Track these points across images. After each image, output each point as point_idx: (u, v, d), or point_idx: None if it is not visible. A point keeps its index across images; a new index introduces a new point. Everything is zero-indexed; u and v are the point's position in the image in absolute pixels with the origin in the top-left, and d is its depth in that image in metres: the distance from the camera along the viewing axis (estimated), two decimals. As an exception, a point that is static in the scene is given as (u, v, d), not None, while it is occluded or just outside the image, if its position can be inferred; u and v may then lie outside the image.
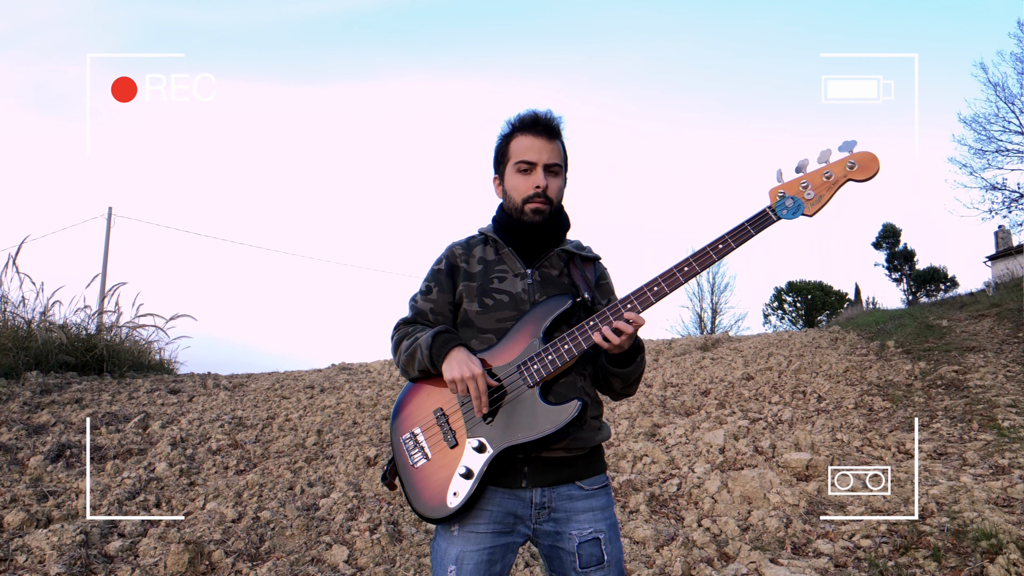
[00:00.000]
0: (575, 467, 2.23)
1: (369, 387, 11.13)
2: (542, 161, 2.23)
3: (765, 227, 2.09)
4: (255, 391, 10.95)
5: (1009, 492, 5.39)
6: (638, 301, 2.11)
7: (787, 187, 2.10)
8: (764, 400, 9.63)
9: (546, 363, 2.12)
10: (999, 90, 21.74)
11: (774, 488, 5.60)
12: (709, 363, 12.68)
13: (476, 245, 2.39)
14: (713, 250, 2.08)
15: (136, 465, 6.50)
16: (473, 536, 2.13)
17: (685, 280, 2.09)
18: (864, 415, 8.55)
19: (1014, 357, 11.17)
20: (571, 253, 2.38)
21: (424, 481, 2.14)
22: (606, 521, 2.23)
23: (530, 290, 2.28)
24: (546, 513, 2.18)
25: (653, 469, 6.45)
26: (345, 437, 7.71)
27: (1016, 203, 22.29)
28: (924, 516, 5.05)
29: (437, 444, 2.16)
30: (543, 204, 2.24)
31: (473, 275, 2.32)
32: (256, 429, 8.08)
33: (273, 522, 4.90)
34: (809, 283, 46.80)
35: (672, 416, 8.61)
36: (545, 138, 2.24)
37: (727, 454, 6.66)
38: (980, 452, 6.67)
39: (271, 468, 6.54)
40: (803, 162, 2.11)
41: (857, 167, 2.06)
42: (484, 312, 2.26)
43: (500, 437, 2.10)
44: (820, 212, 2.09)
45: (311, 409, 9.30)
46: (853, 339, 15.11)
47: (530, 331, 2.18)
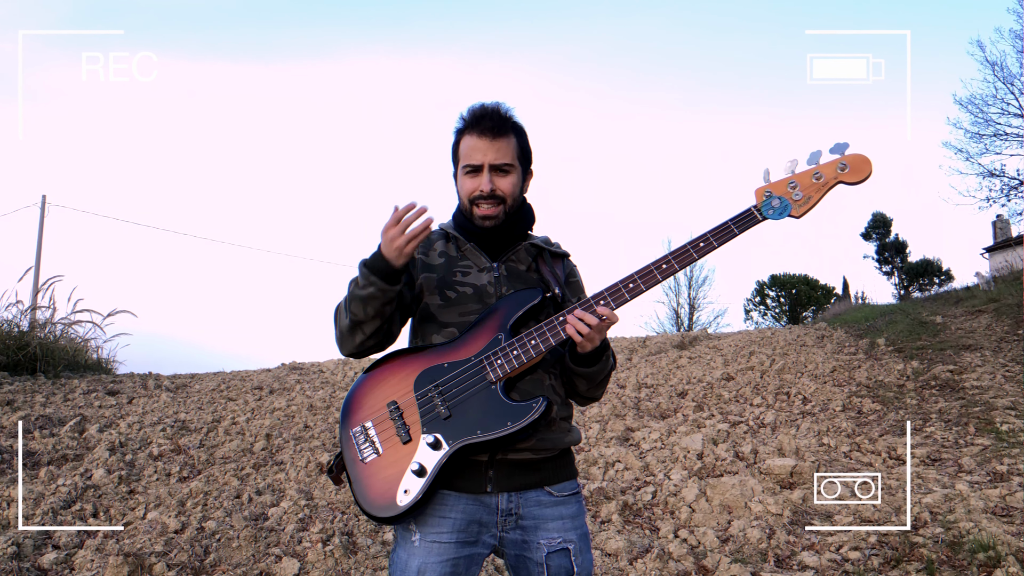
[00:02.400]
0: (544, 471, 2.25)
1: (322, 388, 11.15)
2: (487, 162, 2.27)
3: (749, 227, 2.17)
4: (199, 392, 10.99)
5: (1008, 500, 5.52)
6: (612, 298, 2.15)
7: (774, 187, 2.18)
8: (745, 402, 9.77)
9: (511, 358, 2.15)
10: (997, 69, 22.04)
11: (756, 496, 5.68)
12: (686, 362, 12.81)
13: (436, 240, 2.43)
14: (694, 248, 2.15)
15: (72, 472, 6.47)
16: (436, 547, 2.14)
17: (663, 278, 2.15)
18: (852, 418, 8.72)
19: (1013, 356, 11.44)
20: (540, 248, 2.43)
21: (373, 477, 2.14)
22: (576, 531, 2.26)
23: (496, 284, 2.31)
24: (513, 520, 2.20)
25: (626, 476, 6.50)
26: (296, 442, 7.74)
27: (1015, 191, 22.64)
28: (917, 526, 5.16)
29: (389, 439, 2.16)
30: (492, 207, 2.29)
31: (433, 267, 2.35)
32: (200, 433, 8.09)
33: (219, 533, 4.90)
34: (793, 276, 47.35)
35: (647, 419, 8.69)
36: (490, 138, 2.27)
37: (705, 460, 6.75)
38: (977, 458, 6.83)
39: (216, 475, 6.54)
40: (792, 162, 2.19)
41: (849, 169, 2.16)
42: (446, 305, 2.29)
43: (457, 433, 2.11)
44: (808, 214, 2.17)
45: (259, 412, 9.34)
46: (841, 336, 15.38)
47: (495, 325, 2.21)
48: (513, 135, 2.32)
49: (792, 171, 2.18)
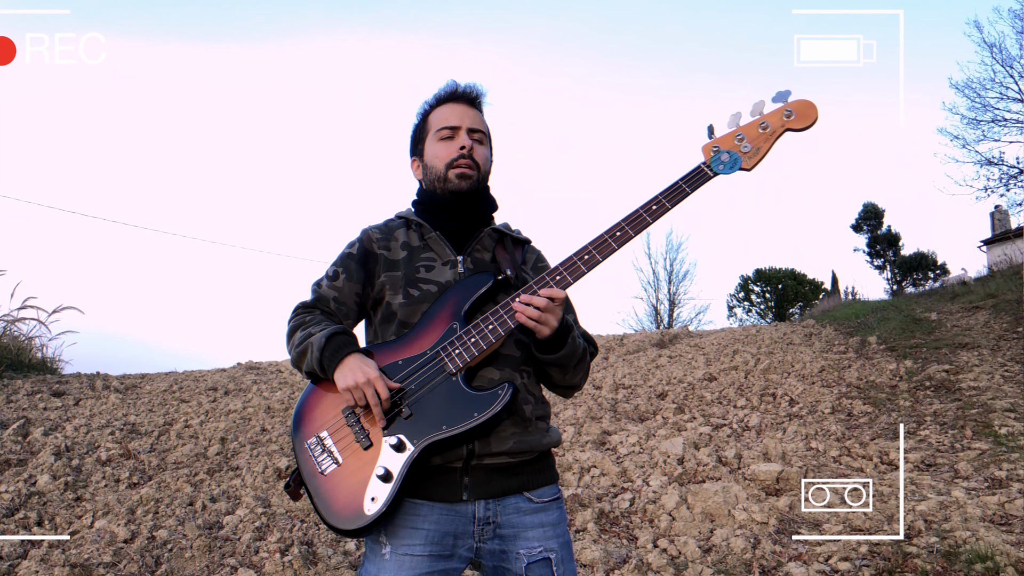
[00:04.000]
0: (523, 475, 2.25)
1: (280, 388, 11.21)
2: (465, 125, 2.35)
3: (701, 184, 2.23)
4: (150, 393, 11.06)
5: (1007, 508, 5.59)
6: (567, 271, 2.17)
7: (721, 141, 2.26)
8: (729, 404, 9.83)
9: (468, 346, 2.15)
10: (995, 51, 22.26)
11: (740, 504, 5.71)
12: (666, 362, 12.86)
13: (396, 229, 2.43)
14: (647, 212, 2.19)
15: (15, 478, 6.50)
16: (408, 560, 2.12)
17: (618, 246, 2.18)
18: (842, 421, 8.80)
19: (1013, 355, 11.58)
20: (501, 233, 2.46)
21: (336, 489, 2.12)
22: (558, 539, 2.26)
23: (461, 279, 2.32)
24: (491, 529, 2.19)
25: (602, 482, 6.51)
26: (252, 446, 7.78)
27: (1015, 180, 22.87)
28: (910, 535, 5.20)
29: (348, 447, 2.15)
30: (469, 168, 2.33)
31: (396, 263, 2.35)
32: (151, 437, 8.13)
33: (171, 542, 4.92)
34: (779, 271, 47.74)
35: (624, 422, 8.71)
36: (466, 104, 2.39)
37: (686, 465, 6.77)
38: (974, 463, 6.92)
39: (168, 481, 6.57)
40: (736, 115, 2.27)
41: (794, 116, 2.25)
42: (409, 304, 2.29)
43: (421, 431, 2.10)
44: (758, 165, 2.25)
45: (214, 414, 9.41)
46: (830, 334, 15.54)
47: (448, 314, 2.22)
48: (482, 109, 2.44)
49: (737, 123, 2.26)
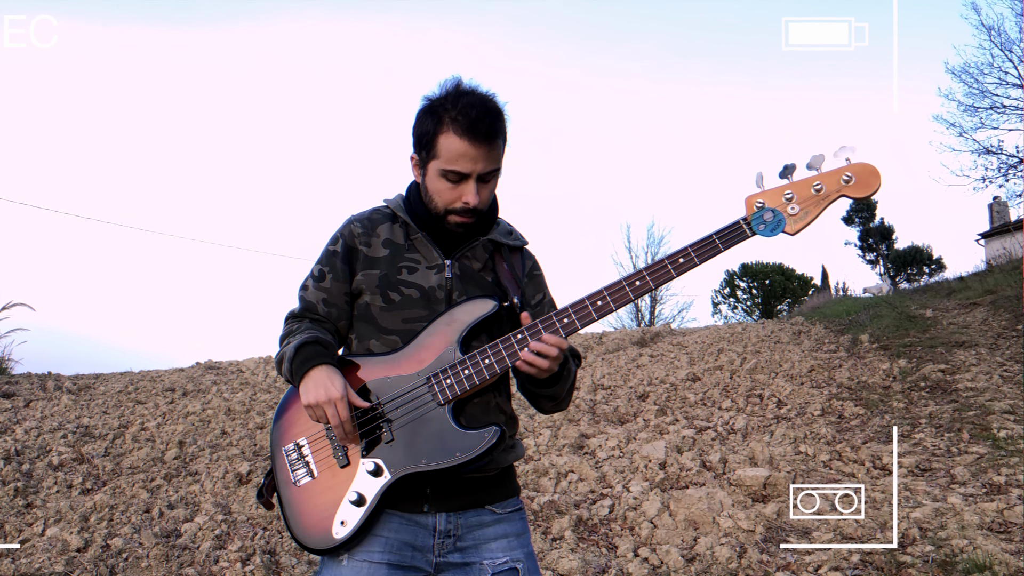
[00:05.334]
0: (485, 490, 2.26)
1: (241, 390, 11.21)
2: (476, 172, 2.18)
3: (737, 243, 2.10)
4: (104, 395, 11.04)
5: (1006, 515, 5.64)
6: (577, 316, 2.13)
7: (768, 196, 2.09)
8: (713, 405, 9.88)
9: (462, 379, 2.14)
10: (994, 35, 22.31)
11: (725, 511, 5.74)
12: (647, 361, 12.91)
13: (381, 223, 2.37)
14: (673, 264, 2.11)
15: None
16: (365, 567, 2.13)
17: (635, 296, 2.12)
18: (833, 423, 8.86)
19: (1012, 354, 11.68)
20: (498, 244, 2.38)
21: (307, 504, 2.14)
22: (523, 549, 2.27)
23: (447, 286, 2.28)
24: (451, 542, 2.20)
25: (580, 488, 6.52)
26: (212, 449, 7.80)
27: (1014, 169, 22.95)
28: (904, 544, 5.25)
29: (325, 460, 2.16)
30: (469, 219, 2.25)
31: (375, 261, 2.30)
32: (106, 440, 8.13)
33: (126, 551, 4.92)
34: (767, 265, 47.96)
35: (603, 424, 8.74)
36: (484, 147, 2.16)
37: (669, 470, 6.80)
38: (971, 467, 6.99)
39: (123, 487, 6.58)
40: (789, 167, 2.09)
41: (854, 182, 2.05)
42: (388, 309, 2.26)
43: (401, 461, 2.11)
44: (803, 231, 2.08)
45: (171, 416, 9.42)
46: (819, 332, 15.65)
47: (444, 338, 2.18)
48: (503, 135, 2.23)
49: (789, 178, 2.08)
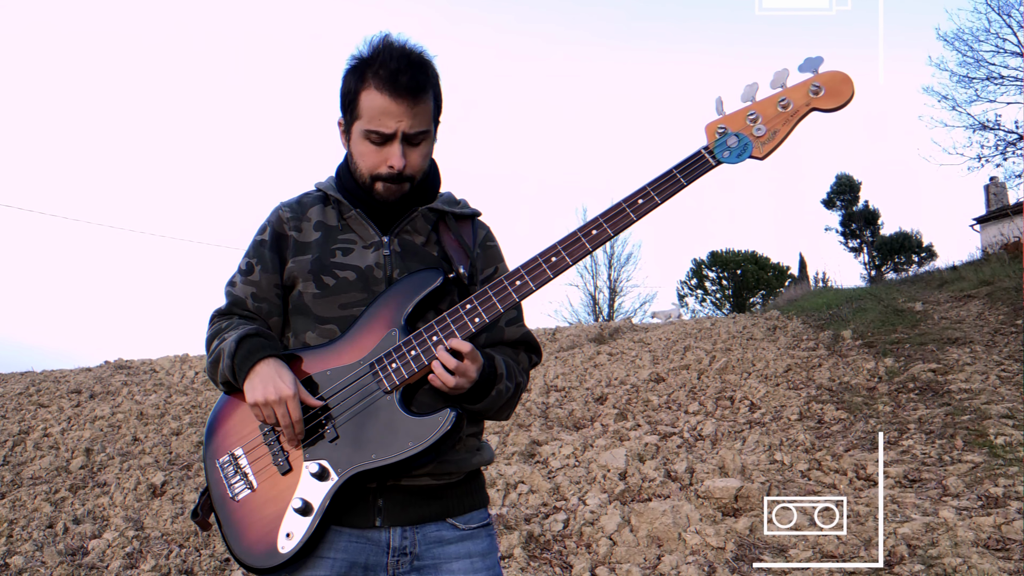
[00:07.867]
0: (446, 499, 2.26)
1: (154, 391, 11.22)
2: (401, 130, 2.19)
3: (701, 174, 2.10)
4: (2, 397, 11.15)
5: (1003, 531, 5.75)
6: (530, 276, 2.13)
7: (730, 120, 2.11)
8: (679, 409, 9.94)
9: (408, 361, 2.13)
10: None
11: (692, 526, 5.78)
12: (606, 360, 12.96)
13: (312, 205, 2.39)
14: (631, 207, 2.10)
15: None
16: None
17: (593, 247, 2.11)
18: (812, 429, 8.97)
19: (1010, 352, 11.91)
20: (441, 212, 2.39)
21: (248, 519, 2.14)
22: (488, 571, 2.27)
23: (386, 264, 2.28)
24: (408, 561, 2.20)
25: (531, 500, 6.53)
26: (123, 458, 7.80)
27: (1013, 147, 23.16)
28: (891, 563, 5.33)
29: (265, 469, 2.16)
30: (398, 186, 2.25)
31: (307, 246, 2.32)
32: (4, 448, 8.21)
33: (27, 570, 4.95)
34: (738, 253, 48.46)
35: (556, 430, 8.75)
36: (407, 102, 2.18)
37: (630, 481, 6.83)
38: (965, 478, 7.11)
39: (24, 499, 6.58)
40: (752, 86, 2.12)
41: (824, 92, 2.08)
42: (323, 295, 2.26)
43: (347, 459, 2.10)
44: (773, 153, 2.10)
45: (77, 421, 9.44)
46: (797, 328, 15.84)
47: (386, 319, 2.19)
48: (431, 91, 2.24)
49: (752, 98, 2.11)
